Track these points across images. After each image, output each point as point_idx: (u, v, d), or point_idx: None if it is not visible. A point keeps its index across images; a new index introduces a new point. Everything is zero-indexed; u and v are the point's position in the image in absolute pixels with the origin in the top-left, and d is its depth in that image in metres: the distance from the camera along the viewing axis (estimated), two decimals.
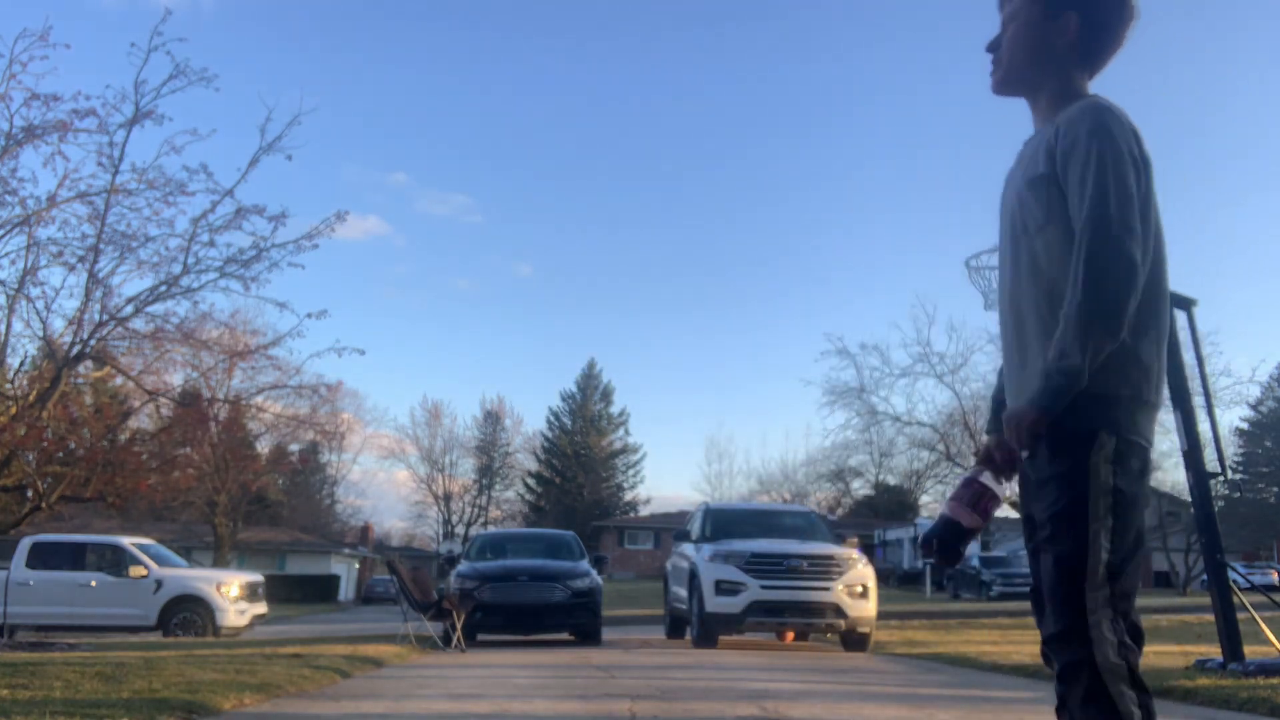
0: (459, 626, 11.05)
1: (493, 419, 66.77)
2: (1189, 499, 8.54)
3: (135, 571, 15.28)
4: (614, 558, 49.07)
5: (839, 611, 10.78)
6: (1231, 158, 77.82)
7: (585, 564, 13.18)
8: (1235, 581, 7.03)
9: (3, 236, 13.20)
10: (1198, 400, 7.50)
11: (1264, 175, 77.59)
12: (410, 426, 67.29)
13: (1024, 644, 11.69)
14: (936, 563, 2.26)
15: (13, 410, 13.79)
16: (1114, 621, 1.95)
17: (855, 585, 10.95)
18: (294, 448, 40.54)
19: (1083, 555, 1.97)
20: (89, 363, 15.15)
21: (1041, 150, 2.07)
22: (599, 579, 13.04)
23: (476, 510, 65.43)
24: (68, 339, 13.98)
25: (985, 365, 28.00)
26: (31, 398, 13.97)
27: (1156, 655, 8.84)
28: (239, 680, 5.53)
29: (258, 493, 40.41)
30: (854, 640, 11.06)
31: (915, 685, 6.82)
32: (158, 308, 14.23)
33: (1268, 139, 75.34)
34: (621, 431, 68.64)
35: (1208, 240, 74.02)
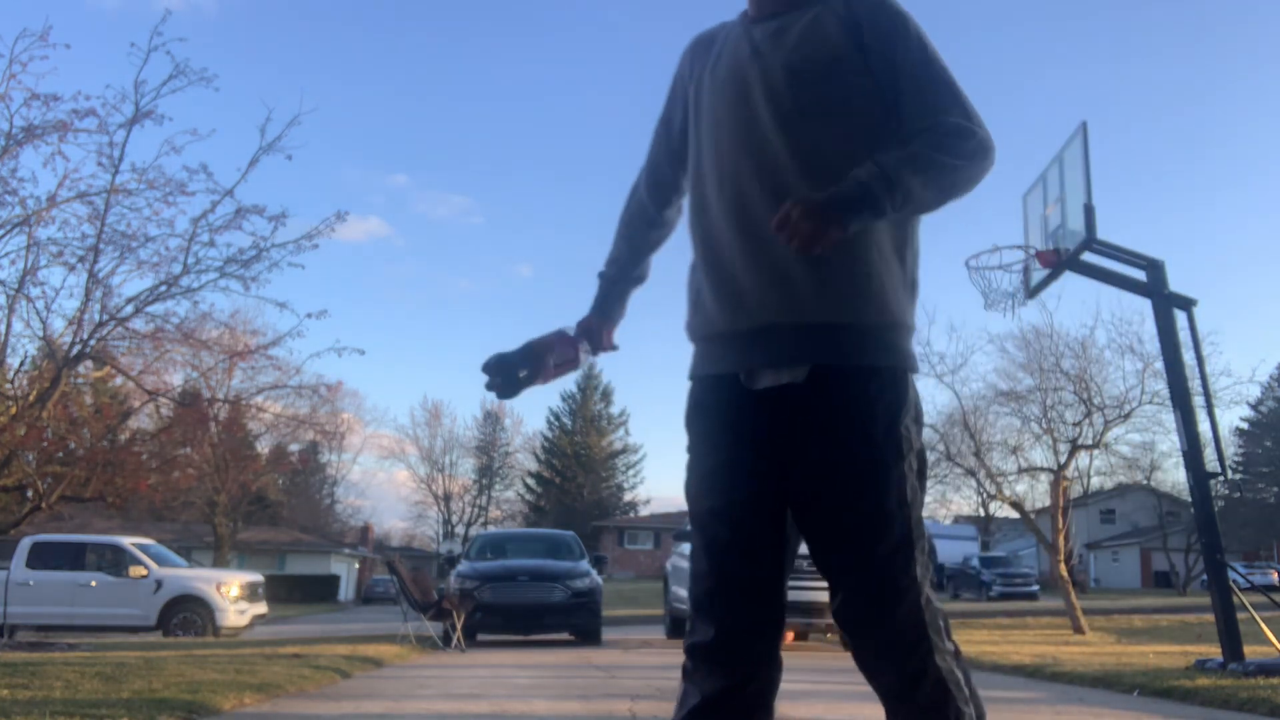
0: (459, 626, 11.05)
1: (493, 419, 66.81)
2: (1189, 499, 8.53)
3: (135, 571, 15.28)
4: (614, 558, 49.07)
5: None
6: (1232, 156, 77.86)
7: (585, 564, 13.17)
8: (1235, 581, 7.02)
9: (3, 236, 13.19)
10: (1198, 400, 7.49)
11: (1264, 174, 77.63)
12: (410, 426, 67.56)
13: (1024, 644, 11.70)
14: (493, 388, 2.08)
15: (13, 410, 13.78)
16: (944, 621, 1.74)
17: None
18: (294, 448, 40.55)
19: (908, 543, 1.72)
20: (89, 363, 15.13)
21: (825, 29, 1.84)
22: (599, 579, 13.03)
23: (476, 510, 65.49)
24: (68, 339, 13.96)
25: (985, 365, 28.06)
26: (31, 398, 13.95)
27: (1157, 655, 8.84)
28: (239, 680, 5.53)
29: (258, 493, 40.43)
30: None
31: None
32: (158, 308, 14.21)
33: (1269, 138, 75.41)
34: (622, 431, 68.70)
35: (1208, 240, 74.12)
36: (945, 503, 51.29)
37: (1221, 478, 7.55)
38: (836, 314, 1.76)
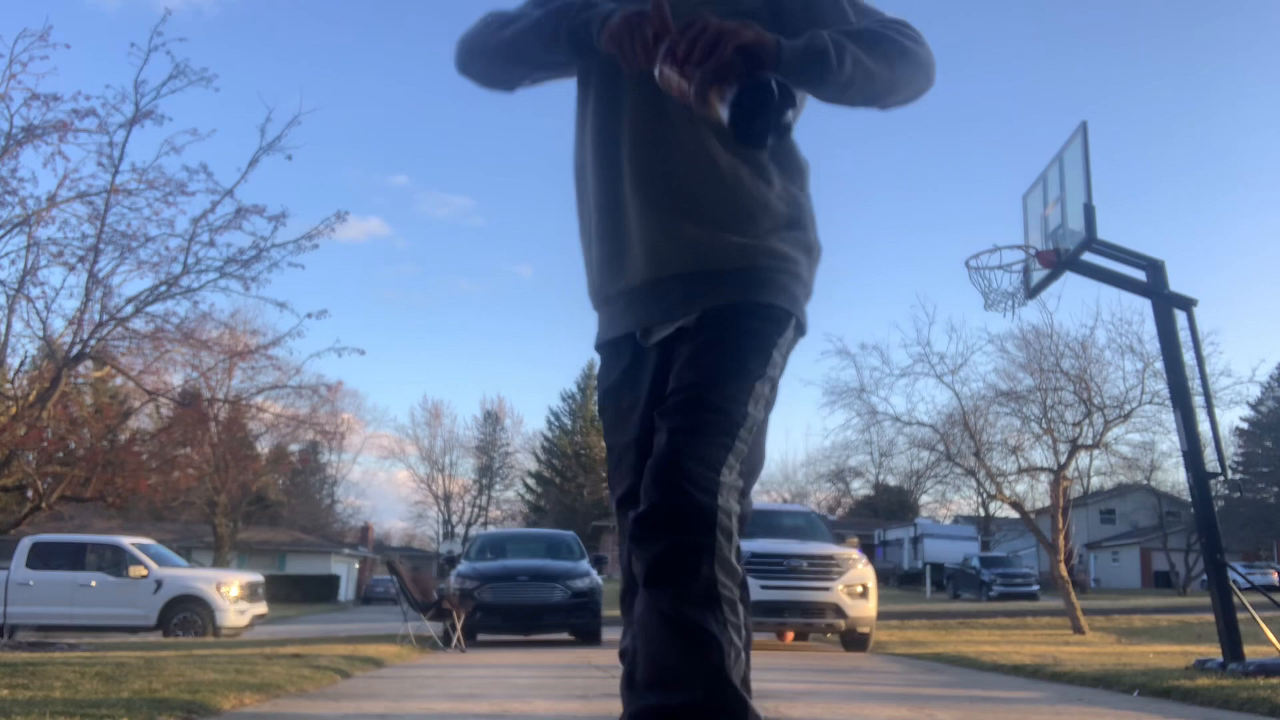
0: (459, 626, 11.05)
1: (493, 419, 66.86)
2: (1189, 499, 8.53)
3: (135, 571, 15.28)
4: (614, 558, 49.03)
5: (839, 611, 10.78)
6: (1233, 156, 77.86)
7: (585, 564, 13.17)
8: (1235, 581, 7.02)
9: (3, 236, 13.21)
10: (1198, 400, 7.49)
11: (1265, 174, 77.62)
12: (410, 426, 67.54)
13: (1024, 644, 11.70)
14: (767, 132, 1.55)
15: (13, 410, 13.78)
16: (738, 549, 1.59)
17: (855, 585, 10.95)
18: (294, 448, 40.53)
19: (728, 441, 1.62)
20: (89, 363, 15.13)
21: None
22: (599, 579, 13.04)
23: (476, 510, 65.52)
24: (68, 339, 13.98)
25: (985, 365, 28.02)
26: (31, 398, 13.96)
27: (1157, 655, 8.84)
28: (239, 680, 5.53)
29: (258, 493, 40.42)
30: (854, 640, 11.07)
31: (915, 685, 6.82)
32: (158, 308, 14.24)
33: (1270, 137, 75.41)
34: None
35: (1208, 240, 74.12)
36: (945, 503, 51.57)
37: (1221, 478, 7.55)
38: (727, 260, 1.75)
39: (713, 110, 1.53)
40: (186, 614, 15.14)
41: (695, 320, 1.75)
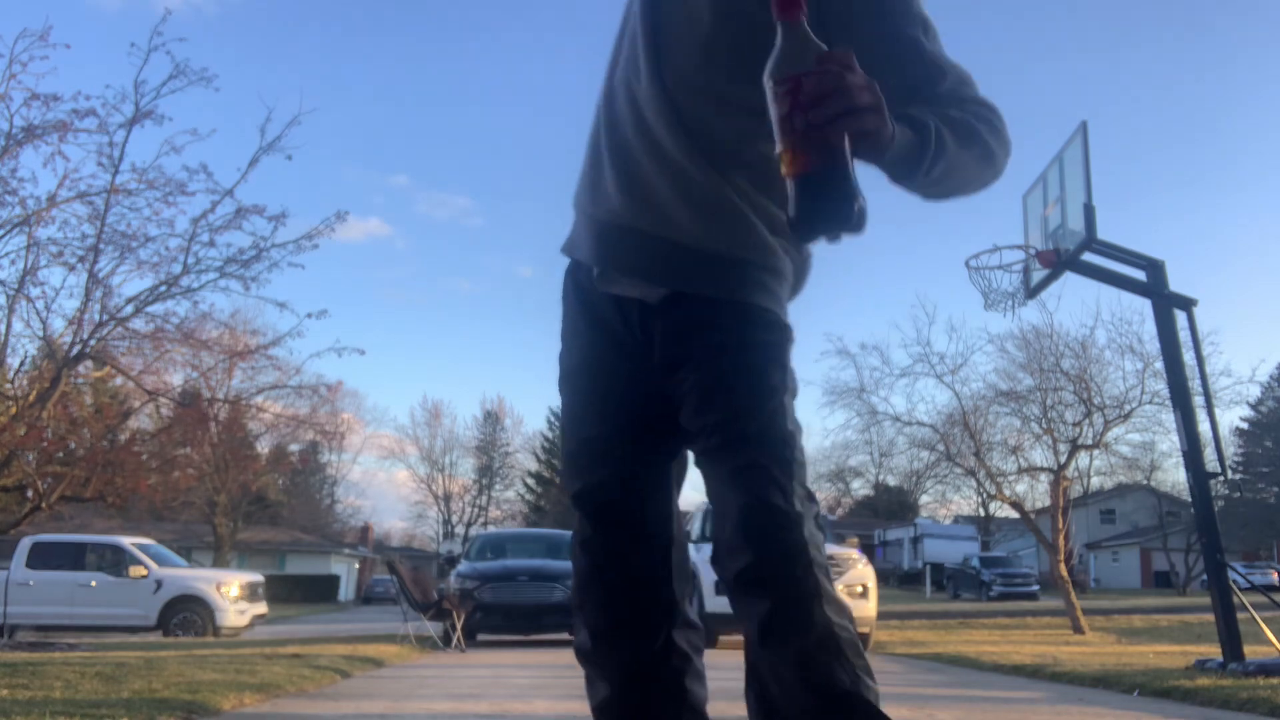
0: (459, 626, 11.05)
1: (493, 419, 66.81)
2: (1189, 499, 8.53)
3: (135, 571, 15.29)
4: None
5: None
6: (1234, 156, 77.88)
7: None
8: (1235, 581, 7.02)
9: (3, 236, 13.22)
10: (1198, 400, 7.49)
11: (1266, 174, 77.65)
12: (410, 426, 67.56)
13: (1024, 644, 11.70)
14: (837, 222, 1.21)
15: (13, 410, 13.78)
16: (830, 574, 1.55)
17: (855, 585, 10.95)
18: (294, 448, 40.54)
19: (790, 470, 1.54)
20: (89, 363, 15.14)
21: None
22: None
23: (476, 510, 65.48)
24: (68, 339, 13.98)
25: (985, 365, 28.01)
26: (31, 398, 13.96)
27: (1157, 655, 8.84)
28: (239, 680, 5.53)
29: (258, 493, 40.42)
30: None
31: (915, 685, 6.81)
32: (158, 308, 14.25)
33: (1271, 138, 75.43)
34: None
35: (1208, 240, 74.13)
36: (945, 503, 51.56)
37: (1221, 478, 7.54)
38: (714, 242, 1.59)
39: (783, 161, 1.22)
40: (186, 614, 15.15)
41: (667, 298, 1.61)
